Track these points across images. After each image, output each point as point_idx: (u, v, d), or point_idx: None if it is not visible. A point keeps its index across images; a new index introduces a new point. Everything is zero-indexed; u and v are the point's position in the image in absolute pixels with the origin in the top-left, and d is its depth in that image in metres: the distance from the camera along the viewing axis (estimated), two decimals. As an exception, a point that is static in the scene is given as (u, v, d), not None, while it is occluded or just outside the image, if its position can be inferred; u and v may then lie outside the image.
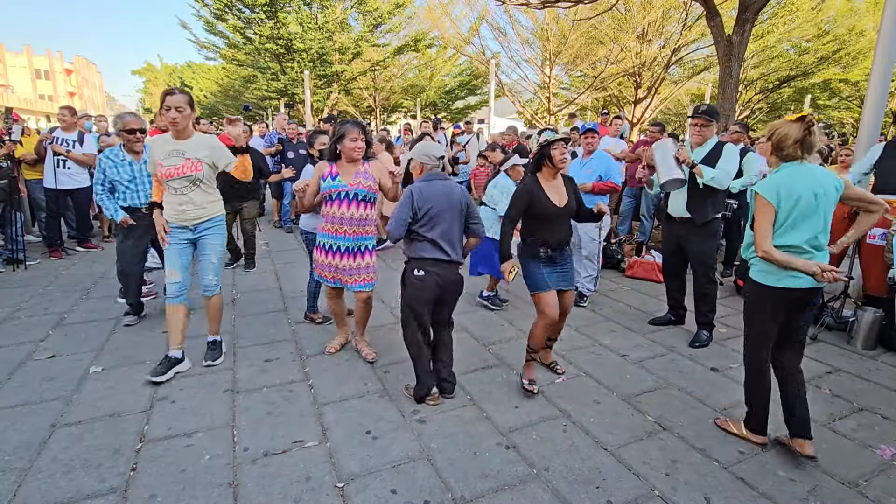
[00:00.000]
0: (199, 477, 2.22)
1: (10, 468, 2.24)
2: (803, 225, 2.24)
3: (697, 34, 14.36)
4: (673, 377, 3.24)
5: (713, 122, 3.66)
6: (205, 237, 3.15)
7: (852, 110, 20.76)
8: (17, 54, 42.42)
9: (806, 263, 2.19)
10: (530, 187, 2.93)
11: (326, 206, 3.13)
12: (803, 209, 2.22)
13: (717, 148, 3.62)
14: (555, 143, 2.87)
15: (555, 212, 2.92)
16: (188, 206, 3.04)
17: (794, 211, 2.22)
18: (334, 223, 3.10)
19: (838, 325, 3.98)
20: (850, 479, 2.27)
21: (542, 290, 2.92)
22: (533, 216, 2.94)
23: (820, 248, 2.28)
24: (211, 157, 3.06)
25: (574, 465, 2.34)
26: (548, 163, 2.91)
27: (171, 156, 2.97)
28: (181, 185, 2.99)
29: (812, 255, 2.25)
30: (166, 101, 2.86)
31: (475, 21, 17.46)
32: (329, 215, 3.12)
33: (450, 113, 24.51)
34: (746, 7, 6.35)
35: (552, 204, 2.91)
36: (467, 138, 8.67)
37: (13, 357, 3.35)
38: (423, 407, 2.82)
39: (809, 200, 2.21)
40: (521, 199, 2.93)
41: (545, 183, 2.95)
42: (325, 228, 3.18)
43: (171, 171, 2.95)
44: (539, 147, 2.93)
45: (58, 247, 5.96)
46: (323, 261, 3.20)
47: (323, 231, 3.19)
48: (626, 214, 7.08)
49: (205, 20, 16.89)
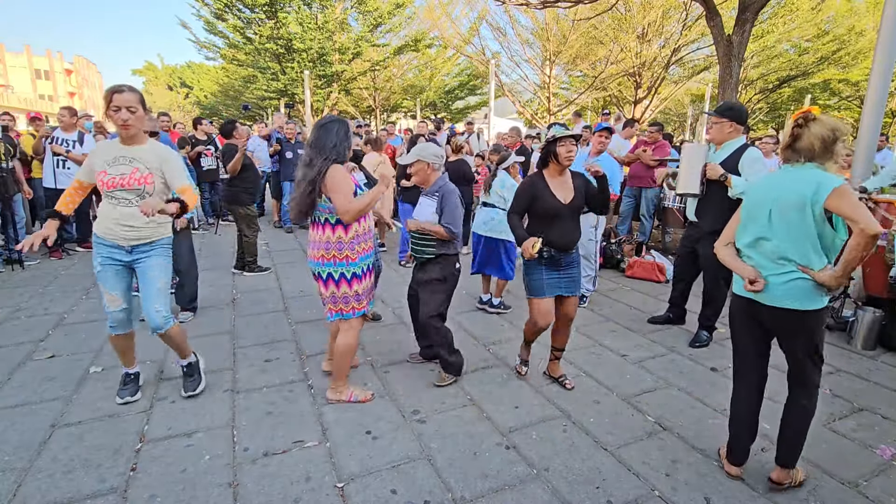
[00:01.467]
0: (199, 477, 2.21)
1: (10, 468, 2.24)
2: (749, 227, 2.11)
3: (697, 34, 14.36)
4: (673, 377, 3.24)
5: (724, 119, 3.41)
6: (143, 261, 2.61)
7: (852, 110, 20.76)
8: (17, 54, 42.40)
9: (742, 267, 2.09)
10: (535, 182, 2.84)
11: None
12: (751, 210, 2.10)
13: (737, 152, 3.40)
14: (562, 139, 2.75)
15: (560, 209, 2.79)
16: (128, 223, 2.52)
17: (746, 211, 2.13)
18: (309, 246, 2.71)
19: (838, 325, 3.98)
20: (850, 480, 2.27)
21: (537, 296, 2.85)
22: (537, 214, 2.83)
23: (769, 257, 2.02)
24: (163, 172, 2.55)
25: (574, 465, 2.34)
26: (553, 159, 2.79)
27: (118, 163, 2.48)
28: (124, 198, 2.50)
29: (757, 264, 2.06)
30: (114, 100, 2.37)
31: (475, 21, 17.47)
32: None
33: (450, 113, 24.51)
34: (746, 7, 6.34)
35: (557, 200, 2.79)
36: (466, 137, 8.69)
37: (13, 357, 3.35)
38: (422, 407, 2.83)
39: (760, 201, 2.06)
40: (525, 192, 2.83)
41: (551, 179, 2.84)
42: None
43: (115, 180, 2.46)
44: (546, 142, 2.81)
45: (58, 247, 5.96)
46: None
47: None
48: (625, 214, 7.07)
49: (205, 20, 16.88)
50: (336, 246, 2.59)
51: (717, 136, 3.49)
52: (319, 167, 2.46)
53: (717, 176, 3.37)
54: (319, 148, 2.49)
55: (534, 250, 2.67)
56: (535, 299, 2.86)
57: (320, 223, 2.60)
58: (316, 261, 2.63)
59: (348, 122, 2.61)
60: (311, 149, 2.54)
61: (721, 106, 3.55)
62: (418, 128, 8.38)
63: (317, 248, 2.62)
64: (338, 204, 2.48)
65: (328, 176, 2.47)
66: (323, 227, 2.60)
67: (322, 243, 2.60)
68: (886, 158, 6.20)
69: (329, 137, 2.50)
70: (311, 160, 2.51)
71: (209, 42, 18.14)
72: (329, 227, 2.59)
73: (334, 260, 2.60)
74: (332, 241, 2.59)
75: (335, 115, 2.65)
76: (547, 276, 2.84)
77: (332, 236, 2.59)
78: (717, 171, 3.37)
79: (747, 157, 3.36)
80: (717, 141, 3.51)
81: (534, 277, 2.85)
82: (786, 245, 1.98)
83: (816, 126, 1.94)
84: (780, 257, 1.99)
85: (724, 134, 3.45)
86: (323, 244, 2.59)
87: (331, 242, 2.59)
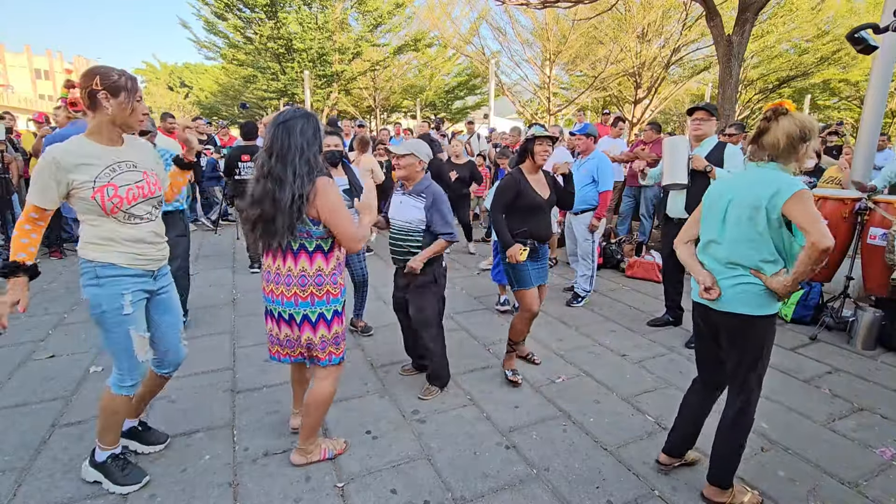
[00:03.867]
0: (199, 477, 2.22)
1: (10, 468, 2.24)
2: (703, 227, 2.04)
3: (697, 34, 14.34)
4: (672, 377, 3.24)
5: (714, 117, 3.66)
6: (166, 287, 2.20)
7: (852, 110, 20.76)
8: (17, 54, 42.40)
9: (699, 271, 2.01)
10: (517, 178, 3.01)
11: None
12: (706, 209, 2.03)
13: (718, 148, 3.60)
14: (539, 139, 2.96)
15: (541, 203, 3.03)
16: (154, 241, 2.06)
17: (703, 210, 2.06)
18: (267, 280, 2.12)
19: (838, 325, 3.98)
20: (851, 480, 2.27)
21: (528, 287, 3.01)
22: (520, 209, 3.00)
23: (720, 261, 1.94)
24: (157, 172, 2.13)
25: (574, 465, 2.34)
26: (529, 157, 3.02)
27: (122, 170, 1.95)
28: (145, 212, 2.02)
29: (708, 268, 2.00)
30: (139, 90, 1.95)
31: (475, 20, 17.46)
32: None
33: (449, 113, 24.51)
34: (746, 7, 6.34)
35: (538, 196, 3.02)
36: (467, 137, 8.70)
37: (13, 357, 3.35)
38: (422, 407, 2.83)
39: (715, 202, 1.98)
40: (509, 189, 2.99)
41: (529, 176, 3.05)
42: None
43: (133, 191, 1.95)
44: (525, 141, 3.05)
45: (58, 247, 5.96)
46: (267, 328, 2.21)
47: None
48: (625, 214, 7.08)
49: (205, 19, 16.90)
50: (315, 280, 2.04)
51: (708, 132, 3.69)
52: (299, 185, 1.89)
53: (702, 167, 3.49)
54: (282, 156, 1.91)
55: (521, 258, 2.92)
56: (527, 290, 3.02)
57: (292, 251, 2.02)
58: (288, 300, 2.05)
59: (316, 118, 2.04)
60: (271, 157, 1.92)
61: (708, 105, 3.74)
62: (419, 128, 8.37)
63: (288, 283, 2.04)
64: (345, 231, 2.00)
65: (321, 194, 1.93)
66: (296, 257, 2.03)
67: (297, 277, 2.03)
68: (888, 158, 6.20)
69: (294, 140, 1.91)
70: (276, 174, 1.90)
71: (209, 42, 18.15)
72: (305, 257, 2.03)
73: (312, 298, 2.05)
74: (310, 275, 2.04)
75: (299, 108, 2.06)
76: (531, 267, 3.04)
77: (309, 268, 2.03)
78: (702, 163, 3.50)
79: (729, 152, 3.56)
80: (704, 136, 3.69)
81: (522, 270, 3.00)
82: (736, 249, 1.89)
83: (786, 121, 1.81)
84: (730, 262, 1.91)
85: (712, 130, 3.70)
86: (297, 278, 2.03)
87: (308, 276, 2.03)
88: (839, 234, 4.04)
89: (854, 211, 4.02)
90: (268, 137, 1.96)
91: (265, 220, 1.95)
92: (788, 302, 4.24)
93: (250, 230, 2.04)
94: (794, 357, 3.56)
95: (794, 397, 3.00)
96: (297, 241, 2.01)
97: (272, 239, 1.98)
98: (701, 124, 3.66)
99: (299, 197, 1.90)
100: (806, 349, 3.72)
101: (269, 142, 1.95)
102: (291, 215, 1.91)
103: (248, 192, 2.01)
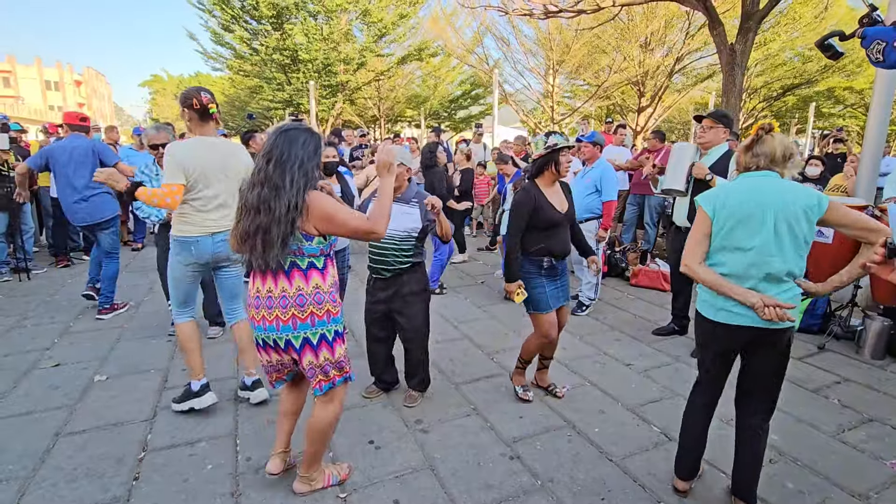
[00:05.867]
0: (201, 486, 2.21)
1: (13, 477, 2.24)
2: (742, 245, 1.87)
3: (700, 43, 14.40)
4: (678, 387, 3.20)
5: (720, 125, 3.57)
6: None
7: (857, 118, 20.70)
8: (27, 66, 43.12)
9: (745, 293, 1.83)
10: (533, 194, 2.73)
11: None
12: (738, 220, 1.88)
13: (725, 156, 3.53)
14: (563, 149, 2.72)
15: (559, 219, 2.77)
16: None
17: (727, 226, 1.90)
18: (257, 306, 1.95)
19: (846, 335, 3.94)
20: (861, 492, 2.23)
21: (545, 311, 2.78)
22: (536, 226, 2.73)
23: (776, 280, 1.86)
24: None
25: (578, 477, 2.31)
26: (553, 168, 2.75)
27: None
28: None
29: (757, 286, 1.87)
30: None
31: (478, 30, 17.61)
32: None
33: (453, 122, 24.66)
34: (749, 16, 6.37)
35: (556, 211, 2.76)
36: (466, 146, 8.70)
37: (19, 365, 3.36)
38: (426, 416, 2.81)
39: (752, 211, 1.85)
40: (525, 207, 2.71)
41: (545, 189, 2.79)
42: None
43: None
44: (547, 151, 2.73)
45: (65, 255, 6.01)
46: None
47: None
48: (630, 222, 7.06)
49: (212, 31, 17.16)
50: (314, 299, 1.90)
51: (713, 140, 3.60)
52: (295, 194, 1.80)
53: (702, 175, 3.45)
54: (282, 163, 1.82)
55: (517, 299, 2.72)
56: (543, 315, 2.78)
57: (283, 270, 1.88)
58: (285, 324, 1.89)
59: (319, 136, 1.98)
60: (269, 164, 1.83)
61: (716, 112, 3.69)
62: (429, 137, 8.36)
63: (284, 305, 1.88)
64: (352, 228, 1.89)
65: (315, 206, 1.84)
66: (289, 276, 1.88)
67: (293, 298, 1.88)
68: (889, 165, 6.17)
69: (295, 150, 1.85)
70: (274, 182, 1.80)
71: (216, 53, 18.41)
72: (300, 275, 1.89)
73: (312, 318, 1.90)
74: (308, 294, 1.89)
75: (301, 123, 1.98)
76: (549, 288, 2.80)
77: (305, 286, 1.89)
78: (704, 171, 3.45)
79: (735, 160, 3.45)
80: (711, 145, 3.62)
81: (538, 292, 2.78)
82: (789, 259, 1.83)
83: (778, 136, 1.93)
84: (788, 273, 1.84)
85: (719, 138, 3.60)
86: (294, 299, 1.88)
87: (305, 295, 1.89)
88: (846, 242, 4.01)
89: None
90: (268, 144, 1.87)
91: (260, 230, 1.80)
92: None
93: (241, 243, 1.87)
94: (802, 367, 3.52)
95: (803, 408, 2.96)
96: (287, 259, 1.86)
97: (265, 253, 1.81)
98: (705, 132, 3.61)
99: (294, 206, 1.79)
100: (814, 359, 3.67)
101: (269, 148, 1.85)
102: (286, 225, 1.78)
103: (239, 201, 1.90)
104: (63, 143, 4.34)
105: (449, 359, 3.59)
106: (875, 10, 1.69)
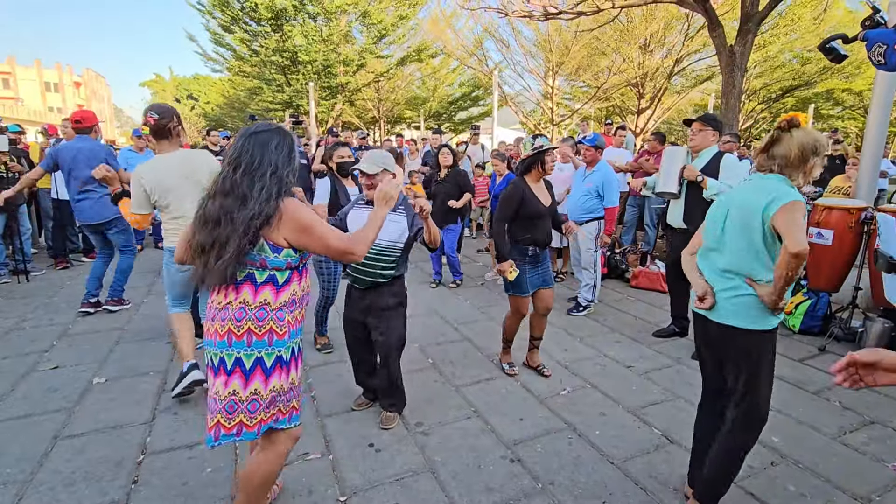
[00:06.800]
0: (200, 490, 2.20)
1: (11, 481, 2.23)
2: (705, 234, 2.02)
3: (699, 44, 14.41)
4: (679, 388, 3.20)
5: (709, 128, 3.64)
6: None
7: (857, 119, 20.74)
8: (27, 67, 43.13)
9: (696, 280, 1.96)
10: (521, 188, 3.14)
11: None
12: (709, 217, 2.01)
13: (715, 158, 3.60)
14: (549, 150, 3.17)
15: (543, 211, 3.17)
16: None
17: (706, 224, 2.02)
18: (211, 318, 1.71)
19: (847, 336, 3.93)
20: (863, 494, 2.23)
21: (522, 294, 3.18)
22: (523, 217, 3.13)
23: (717, 270, 1.91)
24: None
25: (579, 479, 2.30)
26: (539, 167, 3.18)
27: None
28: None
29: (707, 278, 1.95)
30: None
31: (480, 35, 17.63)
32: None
33: (453, 123, 24.66)
34: (748, 18, 6.38)
35: (541, 204, 3.16)
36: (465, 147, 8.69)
37: (17, 368, 3.35)
38: (426, 419, 2.80)
39: (718, 209, 1.96)
40: (513, 199, 3.11)
41: (532, 185, 3.19)
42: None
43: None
44: (535, 152, 3.16)
45: (63, 257, 6.00)
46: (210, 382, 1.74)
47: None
48: (630, 224, 7.05)
49: (212, 32, 17.18)
50: (255, 314, 1.66)
51: (702, 143, 3.68)
52: (263, 204, 1.59)
53: (693, 177, 3.54)
54: (251, 172, 1.62)
55: (510, 277, 3.04)
56: (520, 297, 3.19)
57: (235, 281, 1.66)
58: (221, 339, 1.65)
59: (292, 137, 1.78)
60: (236, 171, 1.62)
61: (705, 115, 3.76)
62: (433, 140, 8.29)
63: (223, 318, 1.65)
64: (329, 246, 1.69)
65: (289, 217, 1.63)
66: (238, 288, 1.66)
67: (234, 310, 1.65)
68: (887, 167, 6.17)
69: (267, 156, 1.64)
70: (241, 191, 1.60)
71: (216, 54, 18.43)
72: (250, 288, 1.66)
73: (249, 336, 1.65)
74: (251, 308, 1.65)
75: (274, 124, 1.75)
76: (530, 274, 3.18)
77: (251, 299, 1.66)
78: (694, 173, 3.55)
79: (726, 161, 3.57)
80: (701, 147, 3.69)
81: (519, 277, 3.12)
82: (734, 257, 1.86)
83: (799, 133, 1.81)
84: (727, 270, 1.88)
85: (708, 141, 3.68)
86: (235, 311, 1.65)
87: (248, 308, 1.65)
88: (845, 243, 4.01)
89: (860, 220, 3.99)
90: (234, 149, 1.66)
91: (217, 244, 1.58)
92: (796, 313, 4.20)
93: (197, 257, 1.64)
94: (802, 369, 3.51)
95: (804, 410, 2.95)
96: (244, 271, 1.65)
97: (220, 268, 1.57)
98: (695, 135, 3.68)
99: (261, 216, 1.57)
100: (815, 360, 3.67)
101: (237, 154, 1.64)
102: (245, 239, 1.56)
103: (198, 209, 1.67)
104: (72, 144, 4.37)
105: (449, 361, 3.58)
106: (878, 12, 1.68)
